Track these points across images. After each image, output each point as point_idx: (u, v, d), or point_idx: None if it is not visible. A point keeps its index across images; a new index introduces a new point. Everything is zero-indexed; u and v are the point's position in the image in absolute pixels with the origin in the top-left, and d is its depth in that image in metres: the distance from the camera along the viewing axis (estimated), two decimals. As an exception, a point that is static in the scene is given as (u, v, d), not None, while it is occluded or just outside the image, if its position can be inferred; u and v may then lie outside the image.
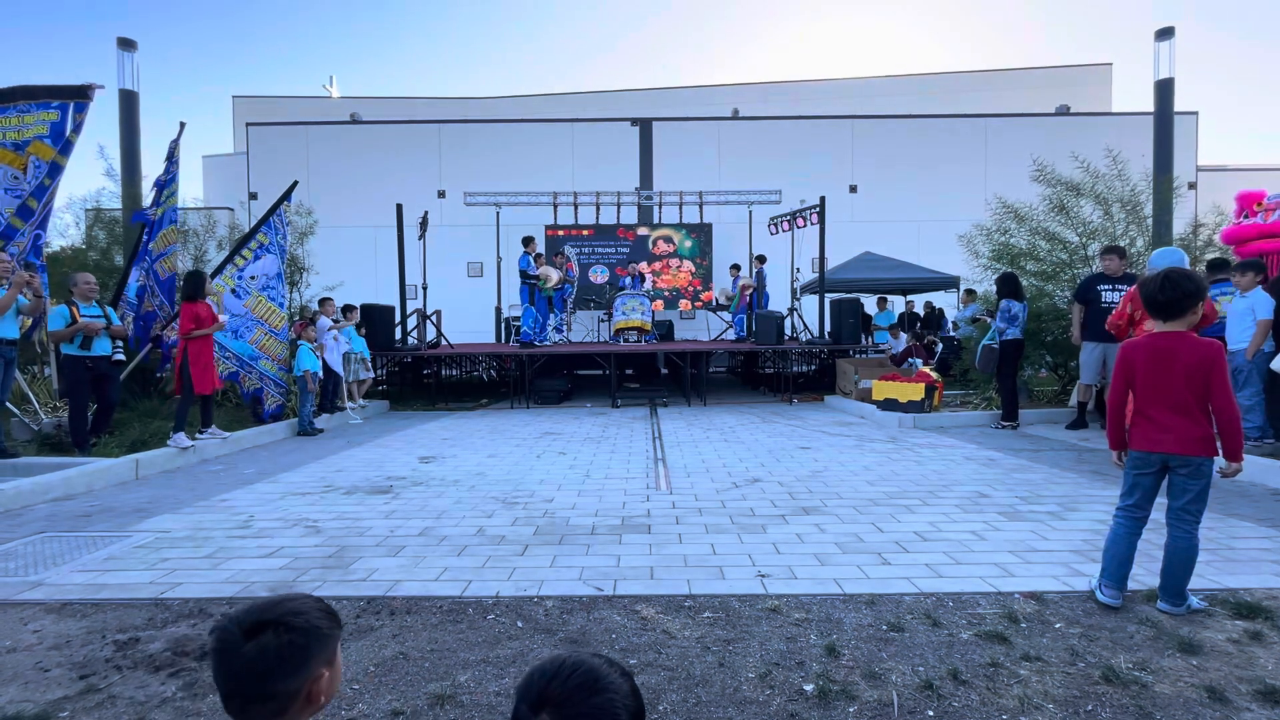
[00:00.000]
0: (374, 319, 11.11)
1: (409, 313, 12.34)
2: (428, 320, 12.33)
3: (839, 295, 13.16)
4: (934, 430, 8.02)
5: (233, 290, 8.13)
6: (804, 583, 3.22)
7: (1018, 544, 3.74)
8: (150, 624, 2.86)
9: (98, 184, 10.63)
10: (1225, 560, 3.42)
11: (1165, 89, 12.87)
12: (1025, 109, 20.24)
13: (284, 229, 8.97)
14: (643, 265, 16.48)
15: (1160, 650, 2.49)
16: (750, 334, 12.86)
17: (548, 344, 11.99)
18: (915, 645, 2.56)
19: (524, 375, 11.11)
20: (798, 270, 13.78)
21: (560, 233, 16.51)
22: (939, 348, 12.92)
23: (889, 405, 8.65)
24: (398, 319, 11.95)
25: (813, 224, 12.97)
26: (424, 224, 12.57)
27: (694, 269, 17.13)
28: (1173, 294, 2.71)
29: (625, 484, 5.39)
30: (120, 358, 6.79)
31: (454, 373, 14.50)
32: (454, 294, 15.76)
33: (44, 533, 4.24)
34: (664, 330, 15.13)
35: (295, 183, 9.31)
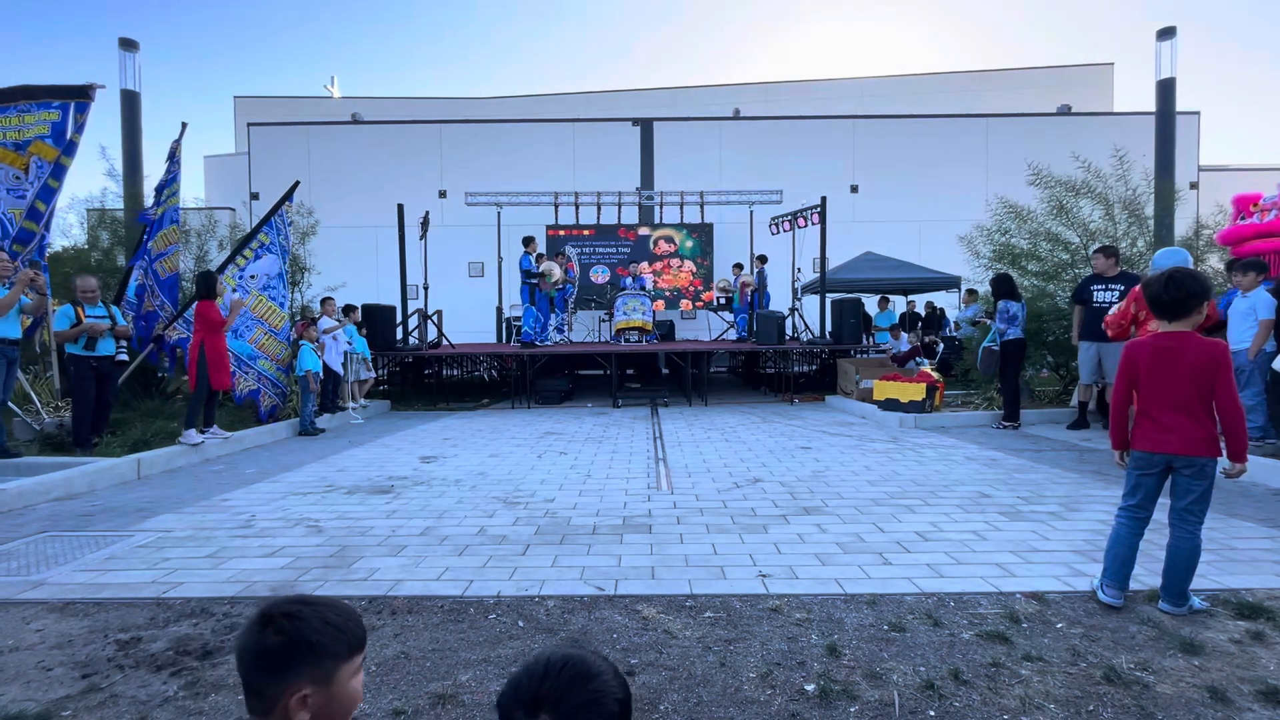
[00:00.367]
0: (375, 319, 11.14)
1: (410, 313, 12.35)
2: (429, 320, 12.34)
3: (840, 295, 13.16)
4: (935, 430, 8.02)
5: (234, 289, 8.15)
6: (805, 583, 3.22)
7: (1019, 544, 3.74)
8: (152, 623, 2.86)
9: (99, 184, 10.61)
10: (1227, 560, 3.42)
11: (1167, 89, 12.88)
12: (1027, 109, 20.23)
13: (285, 229, 8.98)
14: (644, 265, 16.47)
15: (1162, 650, 2.49)
16: (751, 334, 12.86)
17: (549, 344, 12.00)
18: (916, 645, 2.56)
19: (525, 375, 11.11)
20: (799, 270, 13.78)
21: (561, 233, 16.50)
22: (940, 348, 12.92)
23: (890, 405, 8.65)
24: (399, 319, 11.97)
25: (814, 224, 12.98)
26: (425, 224, 12.58)
27: (695, 269, 17.12)
28: (1177, 294, 2.71)
29: (626, 484, 5.39)
30: (124, 358, 6.80)
31: (455, 373, 14.50)
32: (455, 294, 15.78)
33: (46, 532, 4.24)
34: (665, 330, 15.13)
35: (297, 183, 9.31)
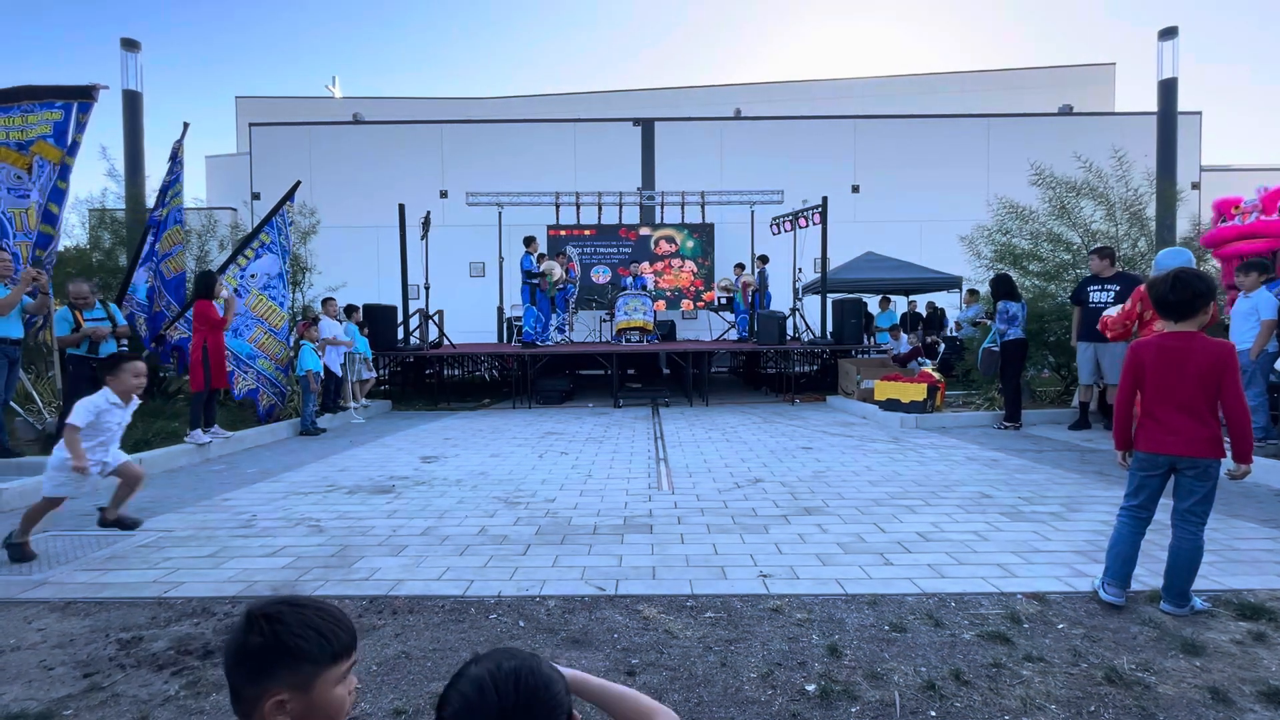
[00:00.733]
0: (376, 319, 11.15)
1: (411, 313, 12.36)
2: (430, 320, 12.35)
3: (841, 295, 13.16)
4: (936, 431, 8.01)
5: (235, 289, 8.14)
6: (806, 583, 3.22)
7: (1020, 544, 3.73)
8: (153, 623, 2.87)
9: (100, 184, 10.62)
10: (1229, 561, 3.41)
11: (1168, 89, 12.86)
12: (1028, 109, 20.20)
13: (286, 229, 8.97)
14: (644, 265, 16.47)
15: (1163, 651, 2.49)
16: (752, 334, 12.86)
17: (550, 344, 12.00)
18: (917, 645, 2.56)
19: (526, 375, 11.11)
20: (800, 270, 13.78)
21: (562, 233, 16.50)
22: (941, 348, 12.91)
23: (891, 406, 8.64)
24: (400, 319, 11.98)
25: (815, 224, 12.98)
26: (426, 224, 12.59)
27: (696, 269, 17.12)
28: (1184, 294, 2.70)
29: (627, 484, 5.39)
30: None
31: (456, 373, 14.49)
32: (456, 294, 15.80)
33: (47, 531, 4.25)
34: (666, 330, 15.13)
35: (298, 183, 9.32)
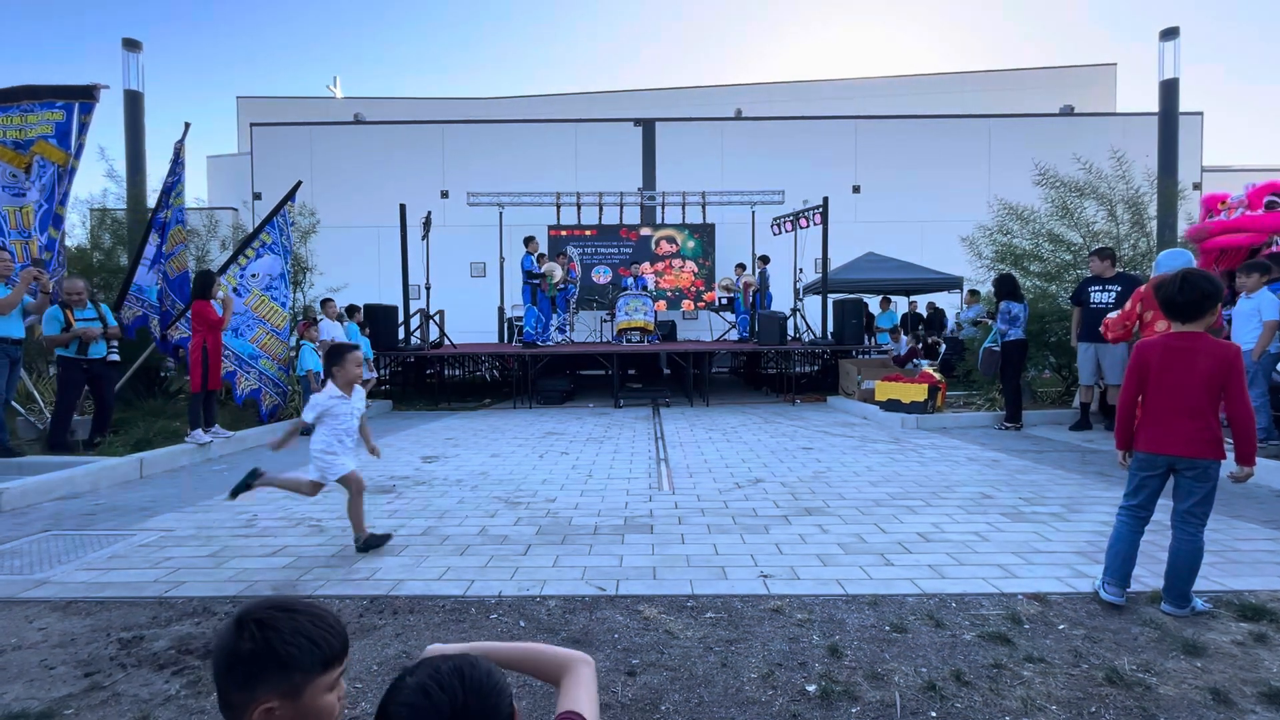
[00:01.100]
0: (377, 319, 11.16)
1: (412, 313, 12.36)
2: (431, 320, 12.35)
3: (842, 296, 13.15)
4: (937, 431, 8.01)
5: (234, 289, 8.14)
6: (806, 583, 3.22)
7: (1021, 545, 3.73)
8: (154, 622, 2.87)
9: (100, 184, 10.61)
10: (1230, 562, 3.41)
11: (1170, 89, 12.84)
12: (1029, 109, 20.19)
13: (288, 229, 8.97)
14: (645, 265, 16.47)
15: (1164, 652, 2.49)
16: (753, 334, 12.86)
17: (550, 344, 12.00)
18: (918, 646, 2.56)
19: (527, 375, 11.11)
20: (800, 271, 13.78)
21: (563, 233, 16.50)
22: (943, 348, 12.91)
23: (892, 406, 8.64)
24: (401, 319, 11.98)
25: (816, 224, 12.98)
26: (427, 224, 12.60)
27: (697, 269, 17.12)
28: (1192, 295, 2.71)
29: (628, 484, 5.39)
30: (115, 358, 6.72)
31: (457, 373, 14.51)
32: (457, 294, 15.79)
33: (49, 531, 4.26)
34: (667, 331, 15.12)
35: (299, 183, 9.32)
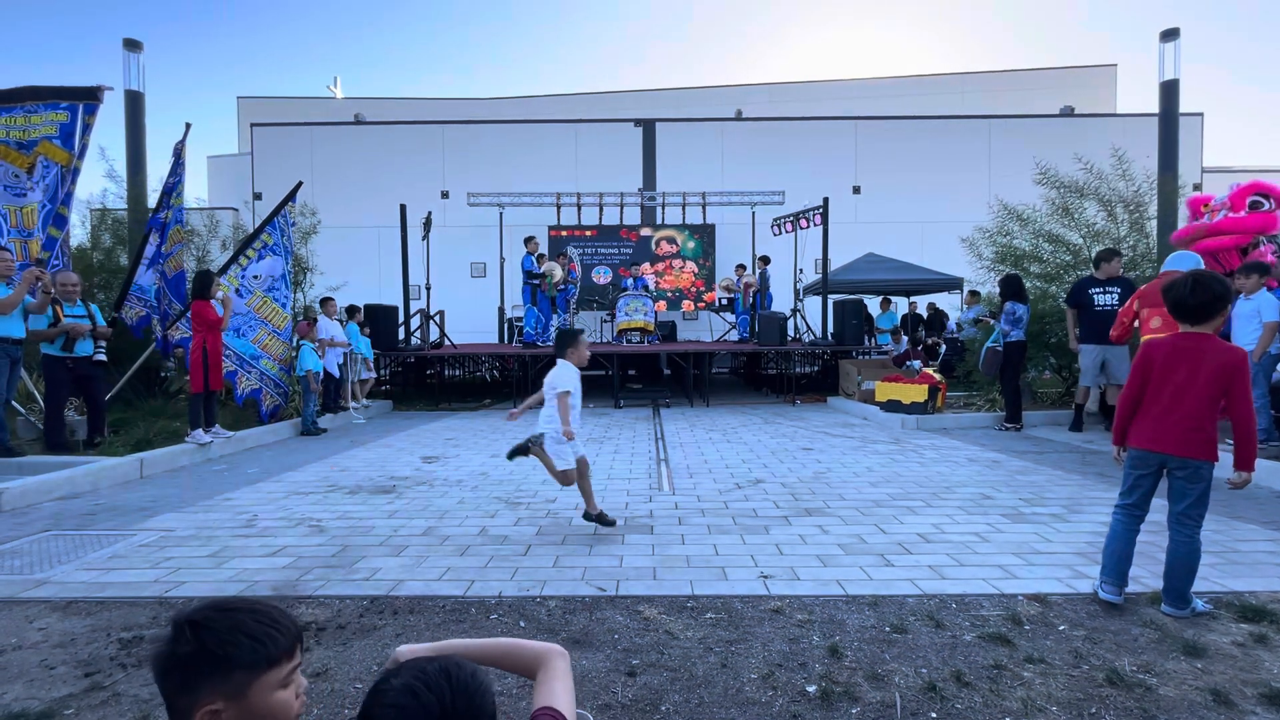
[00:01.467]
0: (378, 319, 11.17)
1: (412, 313, 12.37)
2: (431, 320, 12.36)
3: (842, 296, 13.16)
4: (937, 432, 8.01)
5: (236, 290, 8.15)
6: (807, 584, 3.22)
7: (1021, 546, 3.73)
8: (154, 622, 2.87)
9: (100, 184, 10.61)
10: (1230, 563, 3.41)
11: (1170, 90, 12.83)
12: (1029, 110, 20.19)
13: (288, 230, 8.97)
14: (645, 266, 16.46)
15: (1164, 653, 2.49)
16: (753, 335, 12.86)
17: (550, 344, 12.00)
18: (918, 647, 2.56)
19: (527, 375, 11.12)
20: (800, 271, 13.78)
21: (563, 233, 16.50)
22: (943, 349, 12.90)
23: (892, 407, 8.64)
24: (401, 319, 11.99)
25: (816, 225, 12.98)
26: (427, 224, 12.60)
27: (697, 270, 17.12)
28: (1204, 297, 2.71)
29: (628, 484, 5.39)
30: (102, 358, 6.67)
31: (457, 373, 14.52)
32: (457, 294, 15.80)
33: (49, 531, 4.26)
34: (667, 331, 15.12)
35: (300, 183, 9.33)
